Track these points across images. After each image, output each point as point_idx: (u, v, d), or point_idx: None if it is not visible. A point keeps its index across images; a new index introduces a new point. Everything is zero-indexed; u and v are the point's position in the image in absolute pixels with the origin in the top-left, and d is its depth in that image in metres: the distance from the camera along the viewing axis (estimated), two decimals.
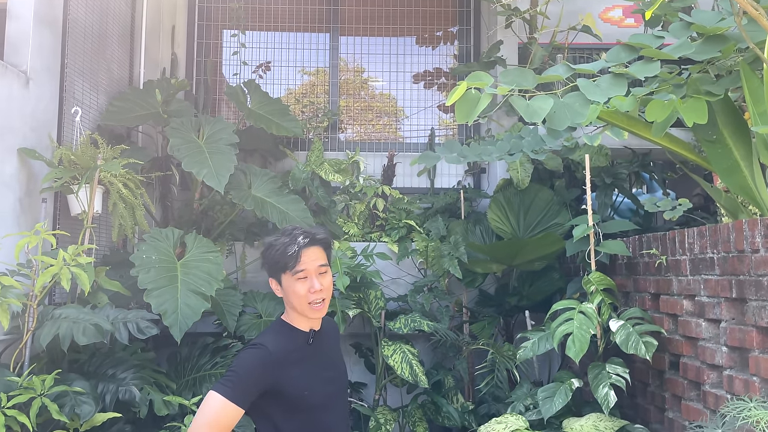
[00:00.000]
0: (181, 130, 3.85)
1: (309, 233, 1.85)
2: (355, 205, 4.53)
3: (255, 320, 3.79)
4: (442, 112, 5.24)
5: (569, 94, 2.01)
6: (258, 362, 1.73)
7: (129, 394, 2.74)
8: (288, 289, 1.82)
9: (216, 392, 1.67)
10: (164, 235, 3.54)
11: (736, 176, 2.36)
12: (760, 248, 2.07)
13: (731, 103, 2.36)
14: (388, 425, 3.60)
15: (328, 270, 1.88)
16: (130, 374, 2.86)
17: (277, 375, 1.74)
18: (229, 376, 1.70)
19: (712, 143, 2.37)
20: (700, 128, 2.33)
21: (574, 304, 3.01)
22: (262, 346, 1.76)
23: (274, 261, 1.82)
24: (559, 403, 2.89)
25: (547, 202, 4.15)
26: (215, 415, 1.65)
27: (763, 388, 2.05)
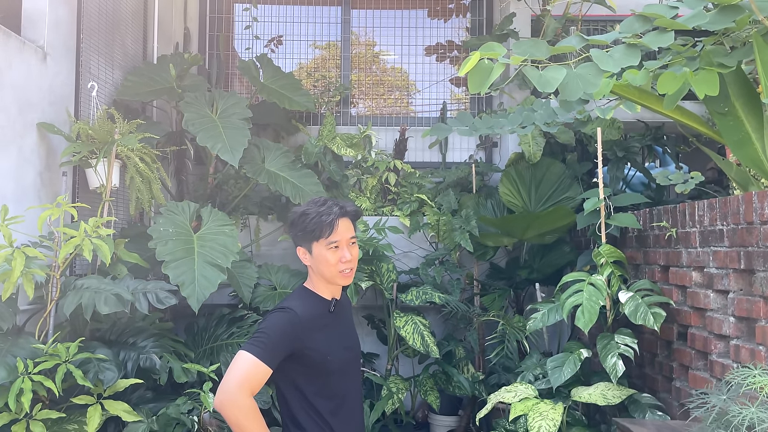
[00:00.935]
0: (194, 104, 3.89)
1: (342, 205, 1.91)
2: (367, 180, 4.57)
3: (270, 292, 3.88)
4: (454, 85, 5.23)
5: (582, 65, 2.02)
6: (287, 325, 1.80)
7: (149, 362, 2.83)
8: (319, 258, 1.88)
9: (247, 352, 1.73)
10: (180, 209, 3.61)
11: (747, 149, 2.37)
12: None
13: (744, 75, 2.36)
14: (400, 394, 3.69)
15: (356, 241, 1.94)
16: (150, 343, 2.95)
17: (303, 338, 1.81)
18: (260, 337, 1.76)
19: (724, 116, 2.37)
20: (711, 100, 2.33)
21: (584, 276, 3.05)
22: (290, 310, 1.82)
23: (307, 230, 1.87)
24: (567, 373, 2.95)
25: (559, 175, 4.16)
26: (246, 373, 1.71)
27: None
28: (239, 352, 1.75)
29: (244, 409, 1.69)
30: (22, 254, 2.53)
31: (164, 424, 2.73)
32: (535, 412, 2.85)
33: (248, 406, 1.70)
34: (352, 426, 1.96)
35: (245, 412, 1.69)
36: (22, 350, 2.50)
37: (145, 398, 2.92)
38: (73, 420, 2.58)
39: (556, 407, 2.87)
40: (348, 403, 1.95)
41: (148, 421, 2.66)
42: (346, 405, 1.94)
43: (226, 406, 1.68)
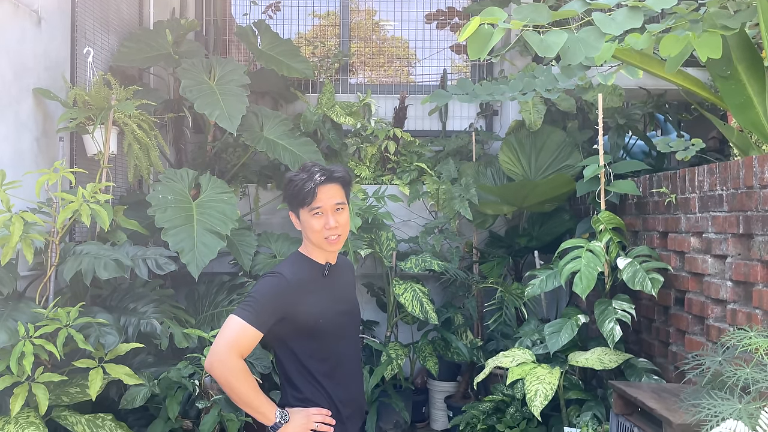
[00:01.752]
0: (192, 71, 3.85)
1: (327, 170, 1.89)
2: (366, 148, 4.55)
3: (270, 260, 3.88)
4: (454, 53, 5.17)
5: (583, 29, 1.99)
6: (276, 289, 1.81)
7: (150, 327, 2.85)
8: (305, 224, 1.88)
9: (236, 316, 1.75)
10: (179, 176, 3.60)
11: (749, 113, 2.35)
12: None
13: (747, 38, 2.33)
14: (399, 360, 3.72)
15: (345, 207, 1.92)
16: (151, 308, 2.97)
17: (293, 302, 1.82)
18: (249, 302, 1.77)
19: (726, 79, 2.35)
20: (714, 64, 2.31)
21: (583, 242, 3.05)
22: (279, 275, 1.83)
23: (293, 196, 1.88)
24: (565, 338, 2.98)
25: (559, 143, 4.14)
26: (236, 336, 1.73)
27: (766, 320, 2.11)
28: (230, 316, 1.77)
29: (233, 370, 1.72)
30: (20, 219, 2.53)
31: (165, 387, 2.76)
32: (533, 377, 2.88)
33: (237, 366, 1.73)
34: (350, 389, 1.97)
35: (234, 373, 1.72)
36: (22, 315, 2.51)
37: (146, 363, 2.95)
38: (75, 383, 2.62)
39: (553, 371, 2.90)
40: (344, 366, 1.96)
41: (149, 385, 2.69)
42: (341, 368, 1.95)
43: (216, 367, 1.73)
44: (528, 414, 3.21)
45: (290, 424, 1.80)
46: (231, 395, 1.76)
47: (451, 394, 4.14)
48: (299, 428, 1.81)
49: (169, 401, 2.74)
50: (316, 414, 1.84)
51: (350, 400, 1.96)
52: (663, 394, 2.17)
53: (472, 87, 3.49)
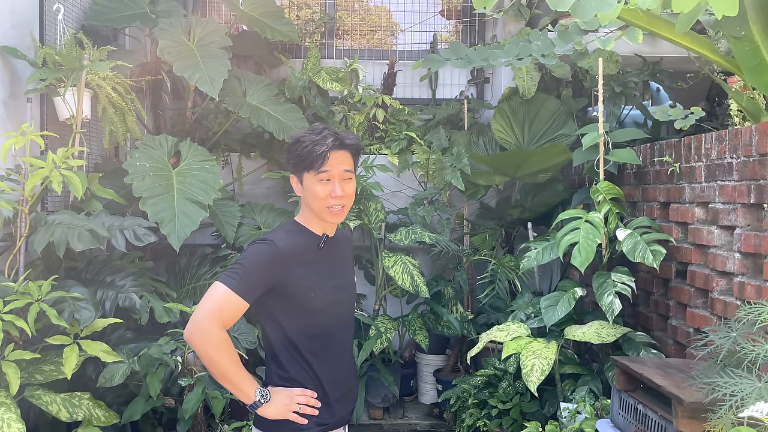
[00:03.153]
0: (170, 31, 3.64)
1: (340, 135, 1.76)
2: (353, 116, 4.38)
3: (254, 231, 3.74)
4: (444, 18, 4.98)
5: None
6: (266, 257, 1.67)
7: (129, 301, 2.70)
8: (309, 189, 1.74)
9: (221, 283, 1.61)
10: (158, 143, 3.42)
11: (764, 75, 2.23)
12: None
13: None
14: (388, 333, 3.62)
15: (353, 177, 1.80)
16: (129, 282, 2.82)
17: (283, 273, 1.68)
18: (236, 269, 1.63)
19: (740, 40, 2.22)
20: (727, 23, 2.18)
21: (581, 213, 2.95)
22: (271, 242, 1.69)
23: (300, 158, 1.73)
24: (561, 311, 2.89)
25: (553, 112, 4.01)
26: (219, 304, 1.60)
27: None
28: (214, 284, 1.64)
29: (214, 341, 1.58)
30: None
31: (146, 364, 2.63)
32: (528, 351, 2.80)
33: (219, 337, 1.59)
34: (340, 370, 1.84)
35: (215, 344, 1.59)
36: None
37: (125, 338, 2.81)
38: (49, 361, 2.47)
39: (549, 346, 2.81)
40: (335, 346, 1.83)
41: (129, 362, 2.56)
42: (332, 347, 1.81)
43: (195, 337, 1.59)
44: (521, 388, 3.14)
45: (270, 404, 1.68)
46: (210, 368, 1.62)
47: (440, 368, 4.07)
48: (280, 409, 1.69)
49: (150, 379, 2.61)
50: (300, 395, 1.71)
51: (340, 382, 1.83)
52: (669, 371, 2.09)
53: (466, 51, 3.33)
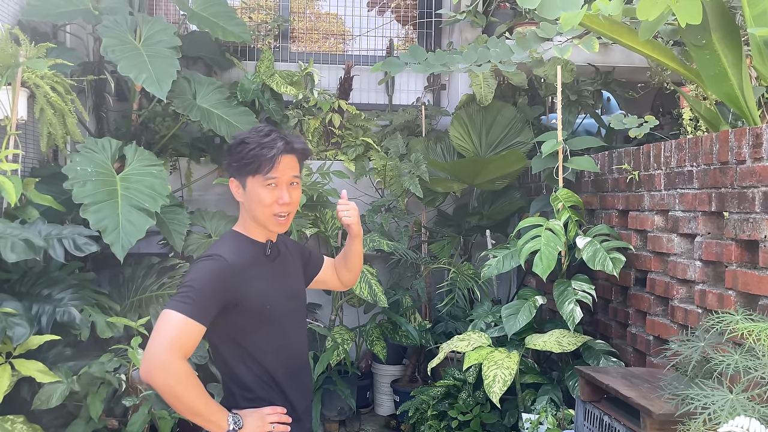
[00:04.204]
0: (115, 29, 3.45)
1: (288, 139, 1.65)
2: (308, 121, 4.27)
3: (204, 240, 3.58)
4: (400, 24, 4.94)
5: None
6: (216, 274, 1.54)
7: (68, 316, 2.51)
8: (253, 195, 1.62)
9: (173, 310, 1.47)
10: (101, 147, 3.22)
11: (724, 84, 2.25)
12: (746, 159, 1.99)
13: (723, 6, 2.22)
14: (345, 345, 3.52)
15: (300, 183, 1.70)
16: (68, 295, 2.62)
17: (236, 287, 1.57)
18: (186, 292, 1.50)
19: (701, 49, 2.24)
20: (689, 32, 2.19)
21: (541, 221, 2.92)
22: (219, 257, 1.57)
23: (245, 161, 1.61)
24: (523, 320, 2.85)
25: (510, 119, 4.01)
26: (176, 334, 1.45)
27: (739, 301, 2.03)
28: (163, 312, 1.49)
29: (179, 376, 1.44)
30: None
31: (87, 383, 2.44)
32: (490, 361, 2.75)
33: (183, 370, 1.45)
34: (302, 383, 1.76)
35: (180, 378, 1.44)
36: None
37: (63, 356, 2.61)
38: None
39: (511, 355, 2.77)
40: (296, 358, 1.75)
41: (67, 381, 2.37)
42: (294, 360, 1.73)
43: (156, 375, 1.43)
44: (481, 399, 3.09)
45: (245, 429, 1.56)
46: (176, 405, 1.47)
47: (398, 378, 3.99)
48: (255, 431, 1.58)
49: (91, 399, 2.43)
50: (271, 413, 1.61)
51: (303, 395, 1.76)
52: (634, 381, 2.07)
53: (425, 56, 3.28)
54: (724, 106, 2.76)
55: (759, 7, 2.04)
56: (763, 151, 1.91)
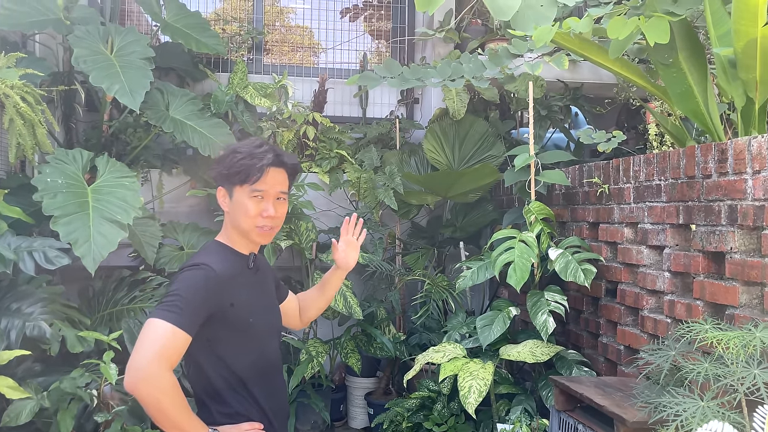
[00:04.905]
0: (86, 39, 3.41)
1: (279, 153, 1.67)
2: (282, 133, 4.27)
3: (176, 252, 3.54)
4: (373, 38, 4.98)
5: None
6: (204, 283, 1.53)
7: (38, 330, 2.45)
8: (239, 205, 1.63)
9: (160, 320, 1.45)
10: (71, 158, 3.17)
11: (690, 101, 2.34)
12: (712, 173, 2.07)
13: (689, 25, 2.31)
14: (320, 357, 3.51)
15: (287, 199, 1.72)
16: (38, 309, 2.56)
17: (223, 298, 1.56)
18: (173, 301, 1.48)
19: (668, 67, 2.32)
20: (657, 51, 2.27)
21: (515, 233, 2.98)
22: (206, 267, 1.56)
23: (234, 169, 1.61)
24: (497, 331, 2.89)
25: (482, 133, 4.07)
26: (163, 344, 1.43)
27: (707, 311, 2.09)
28: (149, 321, 1.46)
29: (164, 387, 1.42)
30: None
31: (57, 399, 2.38)
32: (465, 372, 2.77)
33: (169, 382, 1.43)
34: (278, 396, 1.76)
35: (165, 390, 1.42)
36: None
37: (33, 372, 2.55)
38: None
39: (485, 366, 2.80)
40: (273, 371, 1.75)
41: (37, 397, 2.31)
42: (271, 374, 1.73)
43: (141, 386, 1.40)
44: (456, 410, 3.11)
45: None
46: (158, 418, 1.44)
47: (372, 391, 3.98)
48: None
49: (62, 416, 2.37)
50: (249, 429, 1.60)
51: (280, 408, 1.76)
52: (607, 389, 2.11)
53: (401, 70, 3.32)
54: (689, 122, 2.87)
55: (723, 28, 2.13)
56: (728, 165, 1.99)
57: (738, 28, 2.06)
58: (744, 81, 2.14)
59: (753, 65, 2.10)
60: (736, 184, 1.96)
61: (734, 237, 1.96)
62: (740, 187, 1.94)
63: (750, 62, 2.10)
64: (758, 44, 2.06)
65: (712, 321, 1.79)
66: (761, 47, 2.06)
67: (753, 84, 2.13)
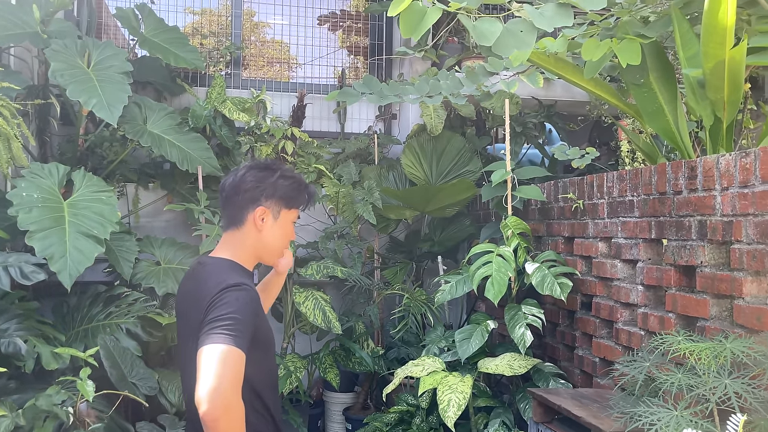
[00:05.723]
0: (63, 53, 3.40)
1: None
2: (261, 148, 4.27)
3: (153, 267, 3.51)
4: (351, 54, 5.04)
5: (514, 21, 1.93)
6: (251, 305, 1.56)
7: (13, 347, 2.42)
8: (281, 226, 1.70)
9: (230, 345, 1.43)
10: (47, 172, 3.15)
11: (661, 120, 2.42)
12: (682, 189, 2.14)
13: (659, 47, 2.40)
14: (298, 372, 3.50)
15: None
16: (13, 325, 2.53)
17: (258, 317, 1.62)
18: (232, 324, 1.47)
19: (639, 87, 2.40)
20: (629, 72, 2.35)
21: (492, 247, 3.02)
22: (248, 287, 1.58)
23: (293, 193, 1.69)
24: (476, 344, 2.92)
25: (459, 149, 4.13)
26: (238, 371, 1.43)
27: (679, 323, 2.15)
28: (217, 346, 1.42)
29: (240, 415, 1.43)
30: None
31: (32, 417, 2.34)
32: (444, 386, 2.79)
33: (242, 409, 1.45)
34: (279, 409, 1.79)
35: (241, 417, 1.43)
36: None
37: (7, 389, 2.50)
38: None
39: (464, 379, 2.83)
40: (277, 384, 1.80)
41: (12, 415, 2.27)
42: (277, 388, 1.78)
43: (222, 415, 1.37)
44: (435, 423, 3.13)
45: None
46: None
47: (350, 406, 3.98)
48: None
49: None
50: None
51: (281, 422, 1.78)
52: (584, 401, 2.16)
53: (380, 86, 3.36)
54: (659, 139, 2.96)
55: (691, 50, 2.22)
56: (697, 182, 2.07)
57: (707, 51, 2.14)
58: (712, 101, 2.22)
59: (721, 86, 2.19)
60: (705, 200, 2.03)
61: (704, 251, 2.02)
62: (709, 203, 2.01)
63: (718, 83, 2.18)
64: (726, 66, 2.15)
65: (684, 333, 1.85)
66: (729, 69, 2.15)
67: (721, 104, 2.22)
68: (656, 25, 2.25)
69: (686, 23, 2.22)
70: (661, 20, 2.27)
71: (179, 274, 3.46)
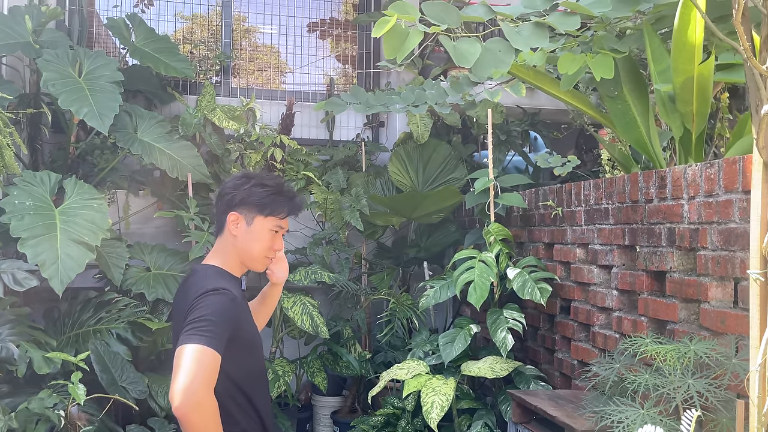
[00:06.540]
0: (55, 62, 3.46)
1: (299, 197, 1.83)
2: (250, 155, 4.34)
3: (143, 273, 3.57)
4: (340, 63, 5.12)
5: (492, 40, 2.02)
6: (229, 308, 1.63)
7: (6, 351, 2.48)
8: (256, 233, 1.74)
9: (199, 344, 1.50)
10: (39, 180, 3.21)
11: (634, 132, 2.52)
12: (653, 198, 2.23)
13: (633, 61, 2.50)
14: (287, 377, 3.56)
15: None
16: (6, 330, 2.59)
17: (239, 320, 1.68)
18: (206, 326, 1.54)
19: (614, 100, 2.50)
20: (604, 84, 2.45)
21: (475, 253, 3.11)
22: (226, 291, 1.65)
23: (264, 201, 1.72)
24: (459, 348, 3.00)
25: (445, 157, 4.23)
26: (208, 369, 1.49)
27: (650, 326, 2.24)
28: (189, 346, 1.50)
29: (213, 413, 1.49)
30: None
31: (24, 421, 2.40)
32: (428, 388, 2.87)
33: (215, 407, 1.50)
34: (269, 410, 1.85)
35: (214, 415, 1.49)
36: None
37: (0, 393, 2.56)
38: None
39: (447, 382, 2.90)
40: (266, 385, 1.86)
41: (5, 418, 2.33)
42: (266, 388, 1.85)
43: (194, 412, 1.44)
44: (420, 425, 3.20)
45: None
46: None
47: (337, 410, 4.04)
48: None
49: None
50: None
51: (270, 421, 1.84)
52: (560, 401, 2.24)
53: (366, 96, 3.45)
54: None
55: (662, 65, 2.31)
56: (667, 191, 2.16)
57: (677, 66, 2.24)
58: (682, 113, 2.32)
59: (690, 99, 2.29)
60: (674, 208, 2.12)
61: (673, 257, 2.12)
62: (678, 211, 2.11)
63: (687, 97, 2.28)
64: (695, 81, 2.25)
65: (654, 336, 1.94)
66: (698, 83, 2.26)
67: (690, 116, 2.32)
68: (629, 40, 2.35)
69: (657, 39, 2.32)
70: (634, 35, 2.37)
71: (169, 280, 3.53)
